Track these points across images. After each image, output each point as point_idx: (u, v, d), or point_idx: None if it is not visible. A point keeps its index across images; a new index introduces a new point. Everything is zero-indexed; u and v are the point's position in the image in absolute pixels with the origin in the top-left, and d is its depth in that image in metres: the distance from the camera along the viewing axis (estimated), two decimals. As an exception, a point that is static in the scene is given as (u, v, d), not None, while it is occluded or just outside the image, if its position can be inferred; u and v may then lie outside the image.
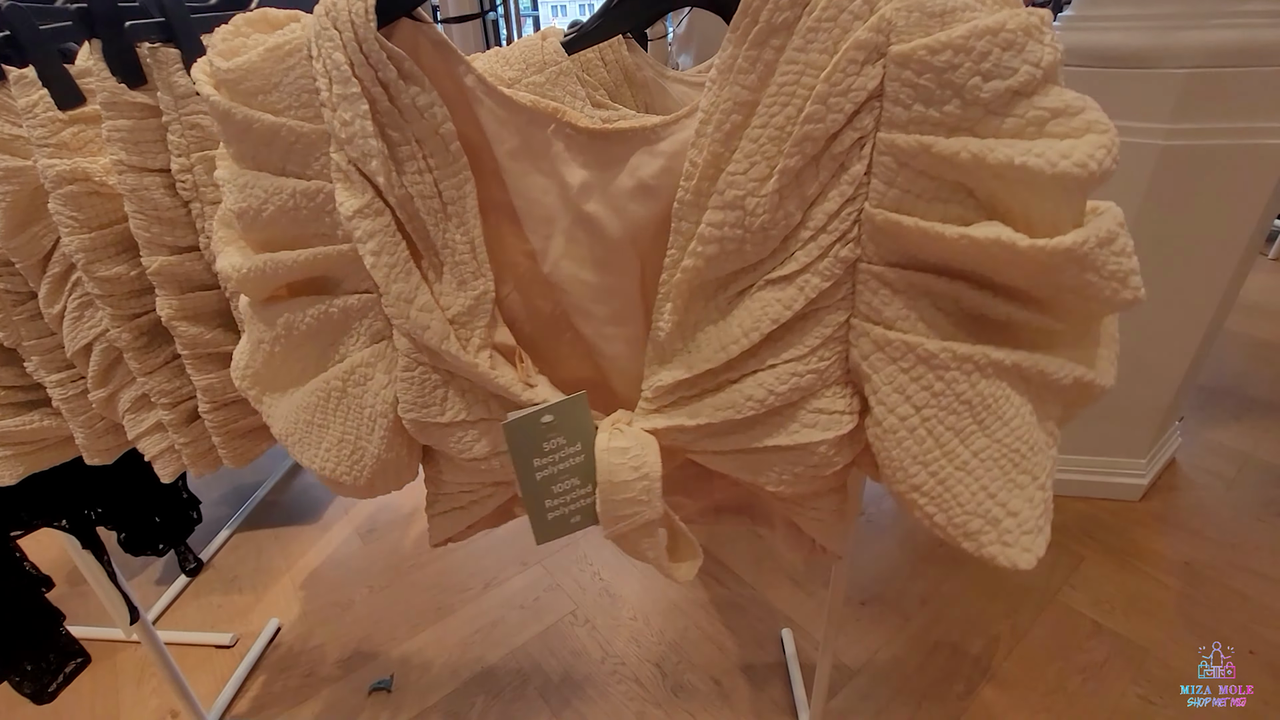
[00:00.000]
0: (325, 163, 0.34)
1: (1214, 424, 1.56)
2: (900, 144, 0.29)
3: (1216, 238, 1.10)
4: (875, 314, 0.33)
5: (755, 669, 1.05)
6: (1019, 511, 0.33)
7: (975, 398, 0.31)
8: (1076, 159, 0.25)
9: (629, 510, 0.38)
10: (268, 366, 0.40)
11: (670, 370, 0.37)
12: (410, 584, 1.23)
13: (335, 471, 0.40)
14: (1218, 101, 1.00)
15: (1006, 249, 0.27)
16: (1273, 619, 1.08)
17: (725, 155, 0.31)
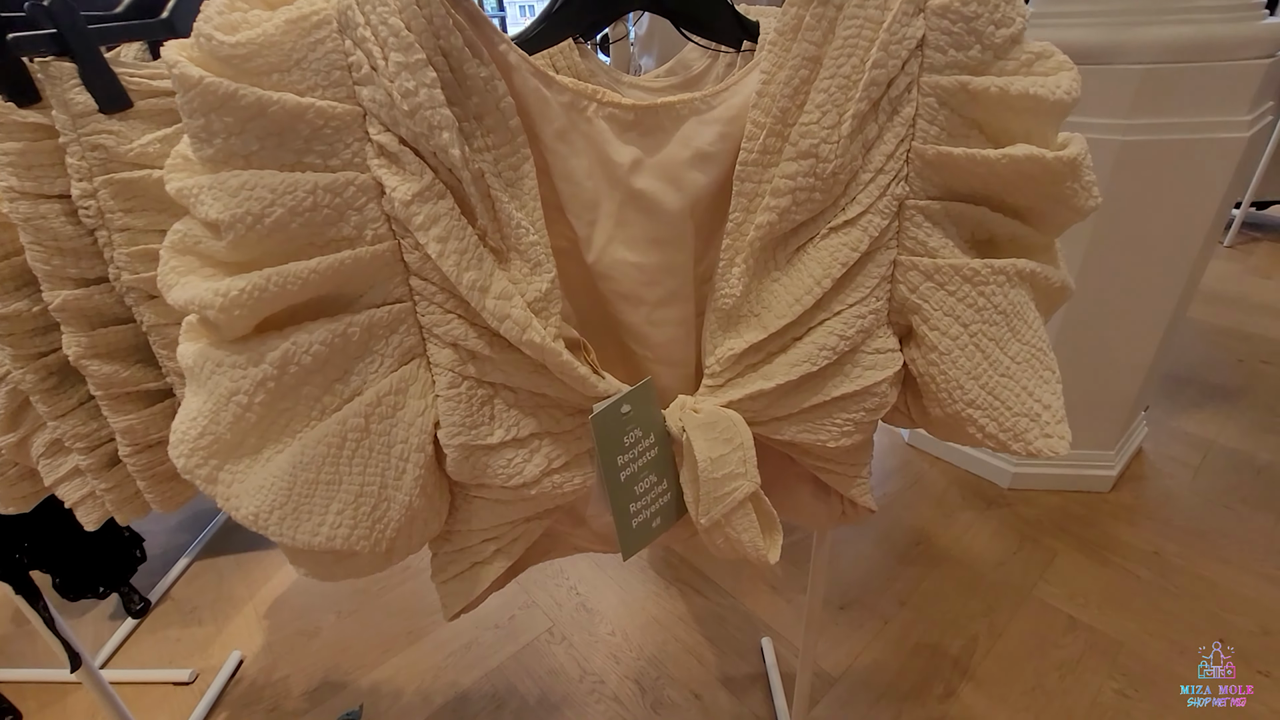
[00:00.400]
0: (358, 149, 0.30)
1: (1178, 412, 1.59)
2: (944, 84, 0.33)
3: (1177, 229, 1.11)
4: (921, 246, 0.36)
5: (736, 680, 1.03)
6: (1051, 404, 0.37)
7: (1009, 306, 0.36)
8: (1065, 88, 0.32)
9: (729, 487, 0.37)
10: (238, 427, 0.31)
11: (742, 335, 0.37)
12: (380, 607, 1.19)
13: (350, 538, 0.33)
14: (1173, 96, 1.01)
15: (1037, 161, 0.32)
16: (1241, 606, 1.09)
17: (794, 109, 0.34)
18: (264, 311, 0.31)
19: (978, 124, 0.34)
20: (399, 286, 0.33)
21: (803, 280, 0.36)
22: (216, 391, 0.31)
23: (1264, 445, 1.46)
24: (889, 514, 1.34)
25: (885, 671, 1.03)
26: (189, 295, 0.30)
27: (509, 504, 0.40)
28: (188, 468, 0.31)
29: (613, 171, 0.36)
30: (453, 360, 0.34)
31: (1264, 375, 1.73)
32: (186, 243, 0.31)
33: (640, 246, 0.38)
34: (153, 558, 1.33)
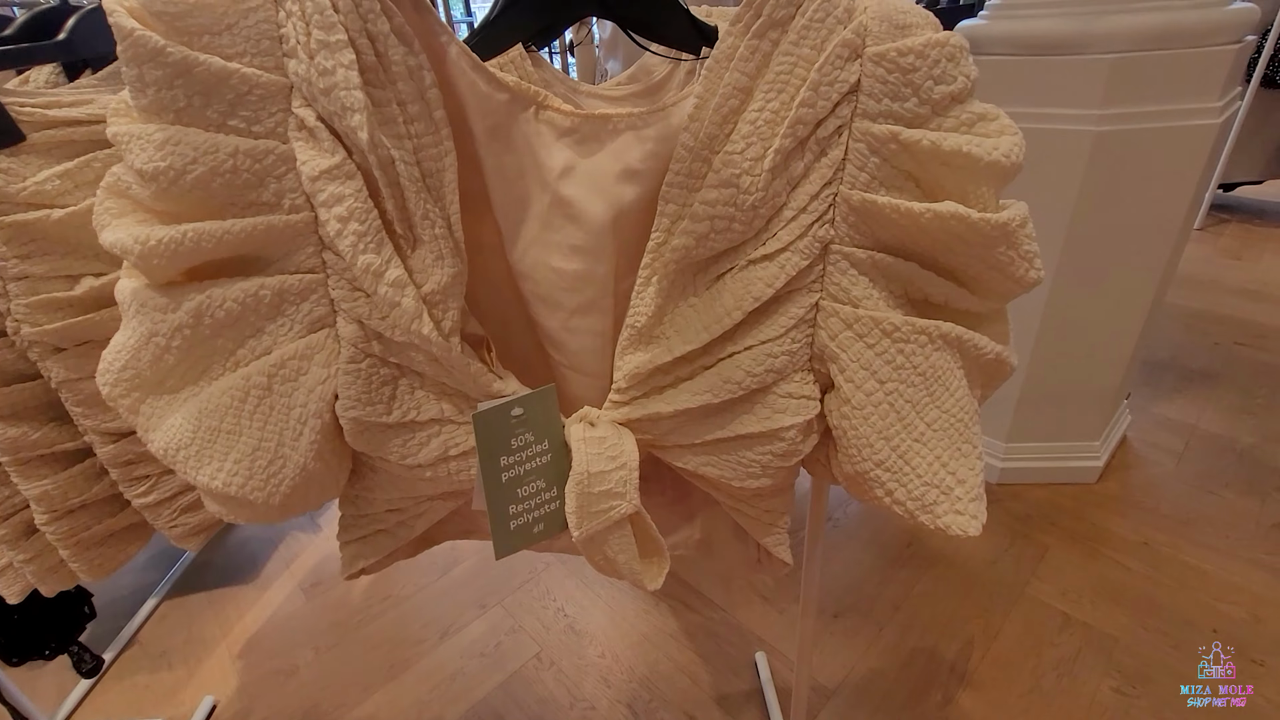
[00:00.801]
0: (281, 119, 0.31)
1: (1158, 398, 1.59)
2: (875, 131, 0.33)
3: (1154, 217, 1.11)
4: (844, 294, 0.36)
5: (731, 699, 1.00)
6: (966, 479, 0.36)
7: (929, 369, 0.35)
8: (1003, 150, 0.32)
9: (605, 505, 0.37)
10: (157, 366, 0.33)
11: (649, 354, 0.37)
12: (360, 641, 1.14)
13: (245, 488, 0.34)
14: (1145, 85, 1.00)
15: (962, 220, 0.32)
16: (1232, 594, 1.09)
17: (721, 137, 0.33)
18: (182, 263, 0.31)
19: (913, 177, 0.34)
20: (312, 257, 0.33)
21: (714, 309, 0.36)
22: (139, 330, 0.32)
23: (1244, 428, 1.47)
24: (879, 515, 1.32)
25: (882, 681, 1.01)
26: (114, 237, 0.31)
27: (408, 481, 0.40)
28: (111, 395, 0.34)
29: (543, 175, 0.37)
30: (357, 336, 0.34)
31: (1239, 357, 1.74)
32: (120, 186, 0.32)
33: (562, 252, 0.38)
34: (118, 599, 1.27)
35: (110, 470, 0.48)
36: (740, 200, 0.33)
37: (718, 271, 0.36)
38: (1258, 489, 1.30)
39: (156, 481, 0.49)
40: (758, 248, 0.35)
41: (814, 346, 0.37)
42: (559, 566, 1.26)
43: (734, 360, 0.36)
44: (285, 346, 0.34)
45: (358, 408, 0.35)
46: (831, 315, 0.36)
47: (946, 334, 0.35)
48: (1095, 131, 1.02)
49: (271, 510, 0.36)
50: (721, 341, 0.36)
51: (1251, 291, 2.05)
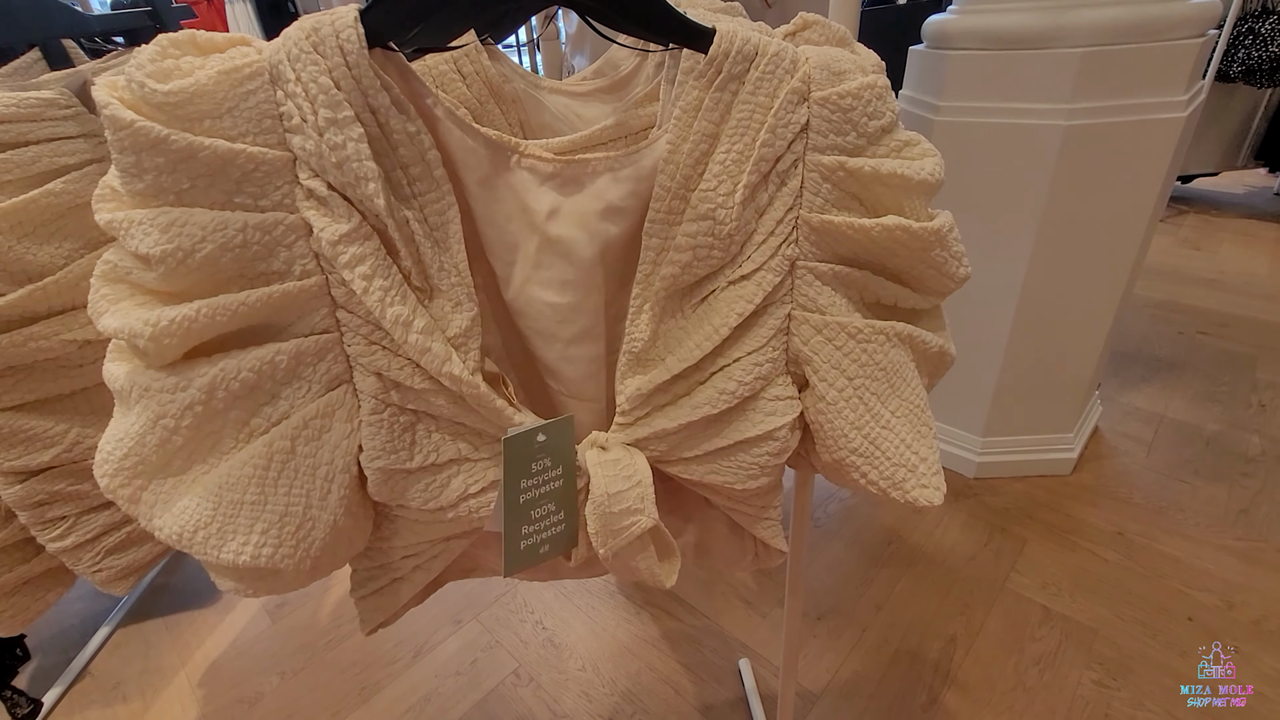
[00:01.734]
0: (287, 191, 0.32)
1: (1128, 388, 1.62)
2: (825, 162, 0.38)
3: (1124, 209, 1.12)
4: (812, 303, 0.40)
5: (714, 708, 0.98)
6: (927, 457, 0.42)
7: (889, 364, 0.41)
8: (928, 170, 0.37)
9: (626, 521, 0.39)
10: (163, 450, 0.32)
11: (650, 376, 0.40)
12: (328, 664, 1.09)
13: (275, 556, 0.34)
14: (1113, 79, 1.00)
15: (905, 230, 0.37)
16: (1204, 581, 1.11)
17: (695, 177, 0.37)
18: (194, 340, 0.32)
19: (857, 198, 0.39)
20: (326, 318, 0.35)
21: (703, 328, 0.39)
22: (144, 415, 0.32)
23: (1210, 415, 1.50)
24: (860, 514, 1.32)
25: (866, 683, 0.99)
26: (119, 323, 0.31)
27: (428, 524, 0.42)
28: (110, 487, 0.33)
29: (531, 218, 0.39)
30: (376, 388, 0.36)
31: (1202, 346, 1.78)
32: (117, 272, 0.32)
33: (554, 287, 0.41)
34: (67, 630, 1.20)
35: (19, 513, 0.43)
36: (717, 230, 0.37)
37: (701, 294, 0.40)
38: (1225, 475, 1.33)
39: (75, 522, 0.44)
40: (735, 270, 0.39)
41: (789, 352, 0.41)
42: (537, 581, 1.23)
43: (726, 372, 0.40)
44: (305, 408, 0.35)
45: (383, 457, 0.36)
46: (803, 323, 0.40)
47: (900, 332, 0.41)
48: (1065, 125, 1.02)
49: (301, 575, 0.37)
50: (712, 357, 0.40)
51: (1212, 281, 2.10)
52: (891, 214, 0.38)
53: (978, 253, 1.18)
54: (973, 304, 1.22)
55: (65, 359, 0.42)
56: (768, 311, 0.40)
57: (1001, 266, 1.17)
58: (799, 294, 0.40)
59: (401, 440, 0.37)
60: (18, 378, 0.41)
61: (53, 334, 0.40)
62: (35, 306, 0.40)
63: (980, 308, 1.22)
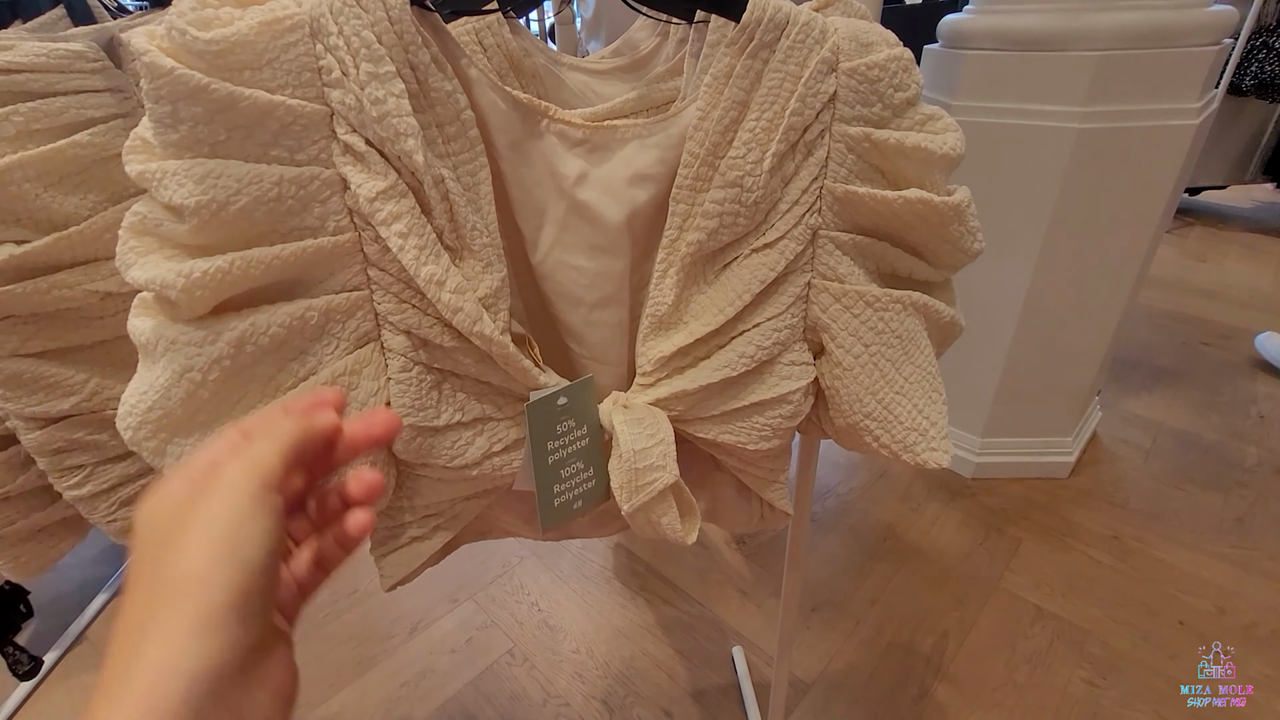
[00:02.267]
0: (324, 146, 0.32)
1: (1128, 395, 1.62)
2: (851, 133, 0.38)
3: (1132, 216, 1.12)
4: (831, 272, 0.41)
5: (707, 694, 0.99)
6: (937, 421, 0.43)
7: (904, 332, 0.42)
8: (950, 144, 0.38)
9: (650, 477, 0.40)
10: (189, 403, 0.32)
11: (672, 339, 0.41)
12: (325, 637, 1.10)
13: None
14: (1128, 83, 1.00)
15: (926, 203, 0.38)
16: (1196, 586, 1.11)
17: (724, 144, 0.38)
18: (225, 293, 0.32)
19: (880, 170, 0.40)
20: (357, 275, 0.35)
21: (726, 294, 0.40)
22: (170, 368, 0.32)
23: (1209, 425, 1.51)
24: (856, 508, 1.32)
25: (858, 675, 1.00)
26: (149, 275, 0.30)
27: (450, 483, 0.42)
28: (135, 440, 0.33)
29: (560, 182, 0.40)
30: (405, 346, 0.36)
31: (1204, 356, 1.78)
32: (147, 225, 0.32)
33: (581, 252, 0.41)
34: (65, 594, 1.21)
35: (38, 459, 0.44)
36: (744, 198, 0.38)
37: (724, 261, 0.40)
38: (1221, 484, 1.33)
39: (91, 471, 0.44)
40: (759, 238, 0.40)
41: (808, 319, 0.42)
42: (533, 560, 1.24)
43: (745, 337, 0.41)
44: (334, 364, 0.35)
45: (411, 414, 0.37)
46: (822, 291, 0.41)
47: (916, 301, 0.42)
48: (1078, 129, 1.02)
49: None
50: (734, 322, 0.40)
51: (1215, 293, 2.10)
52: (913, 187, 0.39)
53: (985, 255, 1.17)
54: (977, 305, 1.22)
55: (87, 310, 0.42)
56: (788, 279, 0.40)
57: (1008, 268, 1.18)
58: (819, 263, 0.41)
59: (429, 398, 0.37)
60: (41, 325, 0.41)
61: (76, 283, 0.40)
62: (60, 255, 0.40)
63: (985, 309, 1.23)
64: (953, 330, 0.46)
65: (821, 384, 0.44)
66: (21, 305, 0.40)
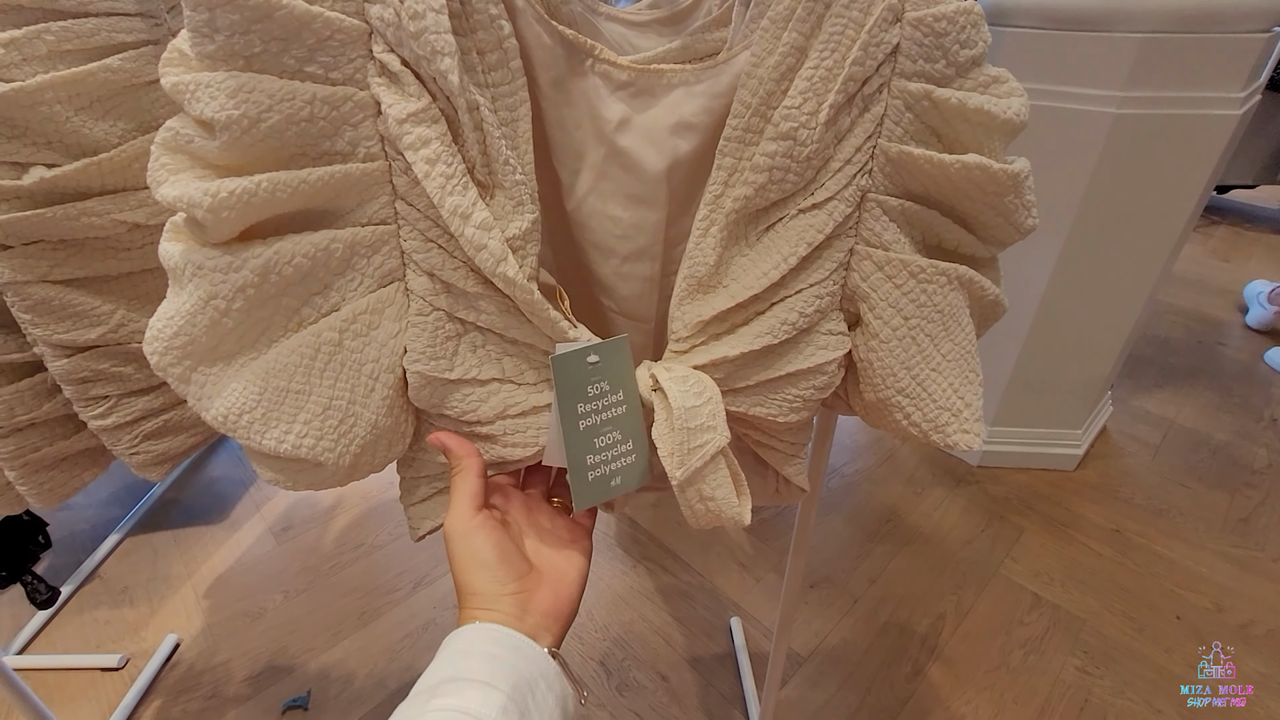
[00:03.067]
0: (360, 66, 0.31)
1: (1141, 392, 1.61)
2: (911, 89, 0.36)
3: (1163, 208, 1.10)
4: (876, 238, 0.39)
5: (703, 661, 1.01)
6: (972, 403, 0.41)
7: (946, 306, 0.40)
8: (1014, 109, 0.35)
9: (702, 439, 0.37)
10: (214, 331, 0.32)
11: (710, 302, 0.39)
12: (331, 587, 1.12)
13: (317, 448, 0.34)
14: (1170, 68, 0.97)
15: (984, 170, 0.36)
16: (1196, 583, 1.12)
17: (778, 94, 0.36)
18: (252, 216, 0.31)
19: (936, 132, 0.37)
20: (385, 208, 0.33)
21: (771, 256, 0.38)
22: (196, 294, 0.31)
23: (1220, 425, 1.50)
24: (860, 491, 1.33)
25: (854, 651, 1.02)
26: (178, 192, 0.29)
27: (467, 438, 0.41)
28: (161, 365, 0.32)
29: (601, 126, 0.38)
30: (427, 289, 0.35)
31: (1221, 357, 1.76)
32: (178, 141, 0.31)
33: (618, 201, 0.40)
34: (79, 533, 1.23)
35: (64, 387, 0.44)
36: (796, 152, 0.35)
37: (767, 223, 0.39)
38: (1228, 484, 1.33)
39: (116, 403, 0.45)
40: (808, 198, 0.37)
41: (846, 287, 0.40)
42: (537, 523, 1.25)
43: (787, 303, 0.39)
44: (356, 301, 0.34)
45: (422, 361, 0.35)
46: (865, 258, 0.39)
47: (961, 275, 0.40)
48: (1115, 114, 0.99)
49: (340, 472, 0.36)
50: (775, 287, 0.38)
51: (1236, 294, 2.07)
52: (971, 152, 0.36)
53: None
54: (997, 291, 1.21)
55: (115, 240, 0.42)
56: (833, 244, 0.39)
57: (1031, 256, 1.16)
58: (864, 228, 0.39)
59: (444, 348, 0.36)
60: (69, 252, 0.41)
61: (105, 212, 0.40)
62: (89, 182, 0.40)
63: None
64: (995, 310, 0.44)
65: (854, 356, 0.42)
66: (51, 230, 0.40)
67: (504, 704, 0.28)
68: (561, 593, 0.36)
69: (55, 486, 0.46)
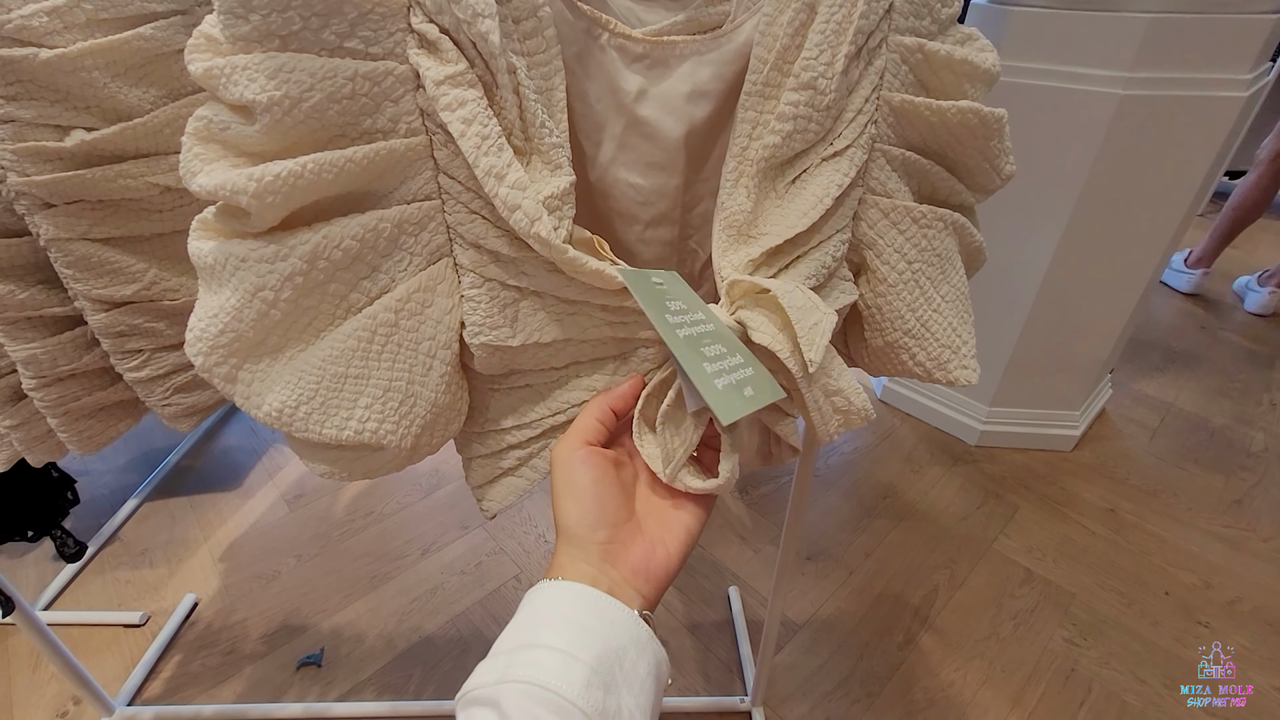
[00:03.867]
0: (400, 39, 0.31)
1: (1141, 375, 1.62)
2: (905, 43, 0.39)
3: (1167, 192, 1.10)
4: (881, 187, 0.41)
5: (702, 628, 1.04)
6: (968, 340, 0.45)
7: (943, 250, 0.43)
8: (991, 61, 0.40)
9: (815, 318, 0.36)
10: (261, 324, 0.31)
11: (750, 249, 0.39)
12: (342, 553, 1.16)
13: (380, 430, 0.34)
14: (1178, 49, 0.97)
15: (976, 113, 0.39)
16: (1186, 561, 1.14)
17: (794, 48, 0.37)
18: (296, 200, 0.30)
19: (925, 85, 0.40)
20: (428, 183, 0.33)
21: (804, 201, 0.39)
22: (241, 288, 0.30)
23: (1219, 409, 1.51)
24: (859, 468, 1.35)
25: (848, 620, 1.05)
26: (218, 181, 0.28)
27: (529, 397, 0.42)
28: (206, 365, 0.31)
29: (620, 98, 0.40)
30: (475, 261, 0.35)
31: (1225, 342, 1.77)
32: (212, 129, 0.30)
33: (639, 169, 0.42)
34: (99, 497, 1.27)
35: (101, 340, 0.46)
36: (818, 100, 0.37)
37: (794, 174, 0.40)
38: (1224, 466, 1.35)
39: (149, 357, 0.47)
40: (828, 147, 0.39)
41: (854, 236, 0.43)
42: (541, 494, 1.28)
43: (822, 248, 0.41)
44: (408, 281, 0.33)
45: (484, 333, 0.35)
46: (872, 206, 0.42)
47: (955, 221, 0.43)
48: (1121, 95, 1.00)
49: (402, 454, 0.36)
50: (811, 231, 0.40)
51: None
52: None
53: (1010, 222, 1.17)
54: (998, 273, 1.22)
55: (148, 202, 0.44)
56: (849, 192, 0.40)
57: (1033, 237, 1.17)
58: (870, 177, 0.41)
59: (502, 316, 0.36)
60: (107, 211, 0.43)
61: (139, 174, 0.42)
62: (124, 145, 0.42)
63: (1005, 278, 1.22)
64: (979, 256, 0.47)
65: (861, 304, 0.44)
66: (90, 190, 0.42)
67: (587, 678, 0.26)
68: (658, 552, 0.34)
69: (93, 435, 0.49)
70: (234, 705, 0.92)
